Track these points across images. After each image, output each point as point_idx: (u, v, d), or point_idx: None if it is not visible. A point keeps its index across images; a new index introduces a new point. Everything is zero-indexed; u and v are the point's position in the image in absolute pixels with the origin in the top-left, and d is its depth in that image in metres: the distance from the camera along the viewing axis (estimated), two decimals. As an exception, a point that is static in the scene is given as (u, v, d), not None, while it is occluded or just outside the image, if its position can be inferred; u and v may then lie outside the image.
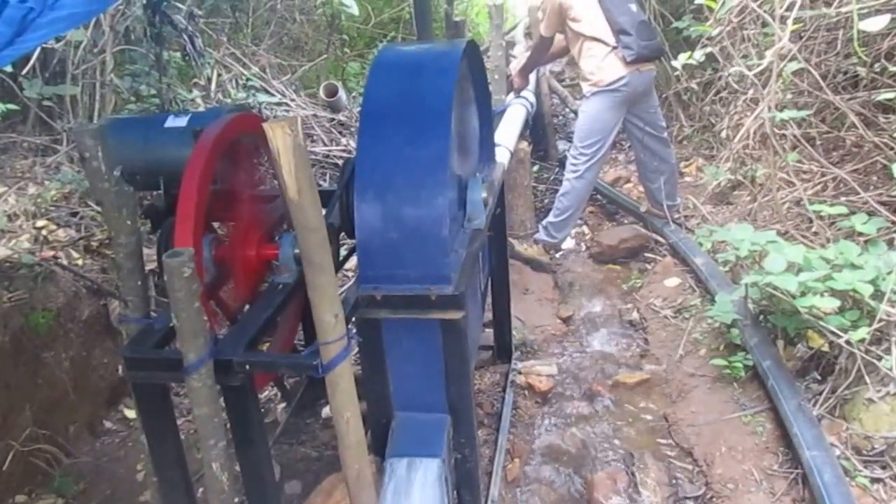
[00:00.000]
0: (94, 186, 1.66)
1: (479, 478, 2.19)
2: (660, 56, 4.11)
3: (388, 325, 1.98)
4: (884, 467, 2.25)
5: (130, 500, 2.55)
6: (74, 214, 3.36)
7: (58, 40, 3.66)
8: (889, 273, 2.46)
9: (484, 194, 2.20)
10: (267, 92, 5.25)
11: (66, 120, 3.86)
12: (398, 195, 1.87)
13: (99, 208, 3.36)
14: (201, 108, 4.41)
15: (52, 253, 3.03)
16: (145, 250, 1.83)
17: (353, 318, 1.89)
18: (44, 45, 3.57)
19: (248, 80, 5.26)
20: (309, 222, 1.46)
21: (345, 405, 1.62)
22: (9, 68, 3.48)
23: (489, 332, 3.14)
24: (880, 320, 2.39)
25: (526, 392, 3.04)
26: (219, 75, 4.99)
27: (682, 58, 3.67)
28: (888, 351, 2.39)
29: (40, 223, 3.20)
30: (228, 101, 4.84)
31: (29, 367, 2.61)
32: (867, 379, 2.38)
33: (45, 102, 3.78)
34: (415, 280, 1.88)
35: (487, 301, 2.97)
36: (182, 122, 2.14)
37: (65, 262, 3.00)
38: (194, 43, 4.11)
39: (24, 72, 3.60)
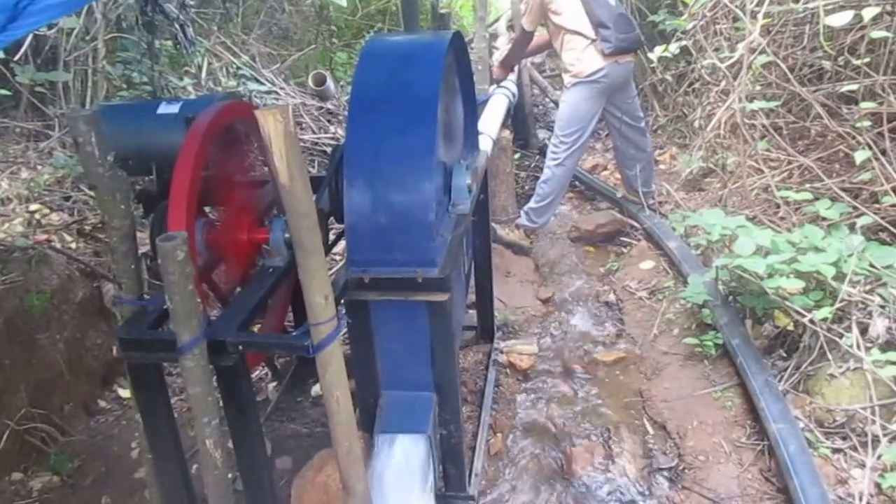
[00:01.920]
0: (88, 171, 1.62)
1: (463, 452, 2.19)
2: (638, 48, 4.09)
3: (376, 307, 1.96)
4: (844, 438, 2.29)
5: (125, 477, 2.52)
6: (67, 199, 3.30)
7: (50, 27, 3.58)
8: (850, 255, 2.49)
9: (468, 180, 2.18)
10: (257, 80, 5.17)
11: (58, 106, 3.78)
12: (386, 181, 1.85)
13: (91, 192, 3.30)
14: (192, 96, 4.34)
15: (45, 236, 2.97)
16: (138, 234, 1.80)
17: (343, 300, 1.88)
18: (36, 32, 3.49)
19: (238, 68, 5.17)
20: (300, 207, 1.44)
21: (335, 384, 1.61)
22: (1, 54, 3.39)
23: (473, 313, 3.14)
24: (842, 300, 2.42)
25: (508, 370, 3.05)
26: (209, 63, 4.90)
27: (658, 50, 3.67)
28: (849, 329, 2.42)
29: (33, 207, 3.13)
30: (219, 89, 4.76)
31: (24, 348, 2.56)
32: (829, 356, 2.41)
33: (38, 88, 3.70)
34: (402, 263, 1.86)
35: (471, 283, 2.96)
36: (174, 108, 2.10)
37: (58, 245, 2.95)
38: (185, 31, 4.02)
39: (16, 58, 3.51)
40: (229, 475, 1.71)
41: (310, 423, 2.72)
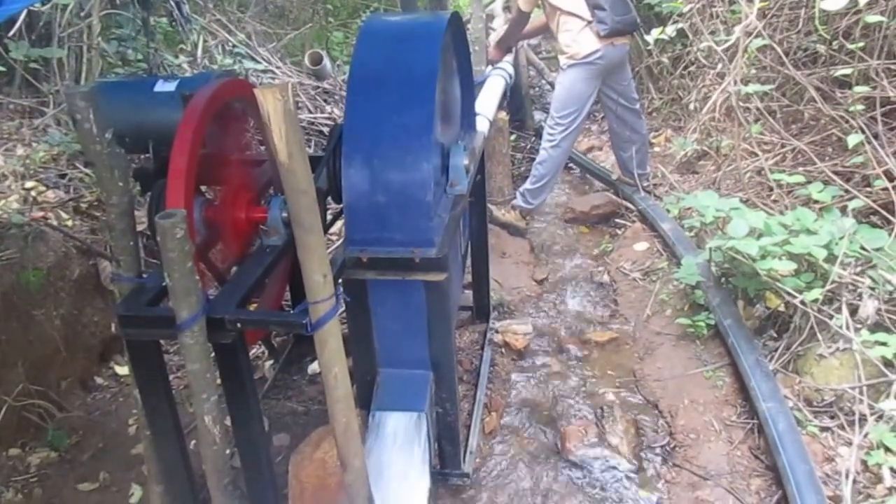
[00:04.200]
0: (86, 148, 1.60)
1: (458, 430, 2.20)
2: (634, 30, 4.06)
3: (373, 286, 1.96)
4: (832, 417, 2.31)
5: (123, 453, 2.53)
6: (63, 176, 3.26)
7: (44, 3, 3.51)
8: (841, 238, 2.49)
9: (466, 161, 2.17)
10: (253, 59, 5.10)
11: (52, 83, 3.72)
12: (384, 160, 1.84)
13: (88, 170, 3.26)
14: (188, 74, 4.28)
15: (41, 213, 2.94)
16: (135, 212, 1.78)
17: (341, 279, 1.87)
18: (30, 8, 3.42)
19: (234, 46, 5.10)
20: (299, 185, 1.43)
21: (333, 361, 1.61)
22: (-4, 30, 3.33)
23: (468, 293, 3.14)
24: (832, 282, 2.43)
25: (503, 350, 3.06)
26: (205, 41, 4.83)
27: (655, 33, 3.64)
28: (839, 310, 2.44)
29: (29, 184, 3.09)
30: (215, 67, 4.70)
31: (21, 325, 2.55)
32: (819, 336, 2.43)
33: (32, 65, 3.63)
34: (400, 243, 1.86)
35: (467, 264, 2.96)
36: (171, 86, 2.07)
37: (54, 222, 2.92)
38: (181, 8, 3.97)
39: (10, 34, 3.44)
40: (227, 451, 1.72)
41: (306, 401, 2.73)
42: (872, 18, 2.93)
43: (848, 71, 3.16)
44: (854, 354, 2.31)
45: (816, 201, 2.90)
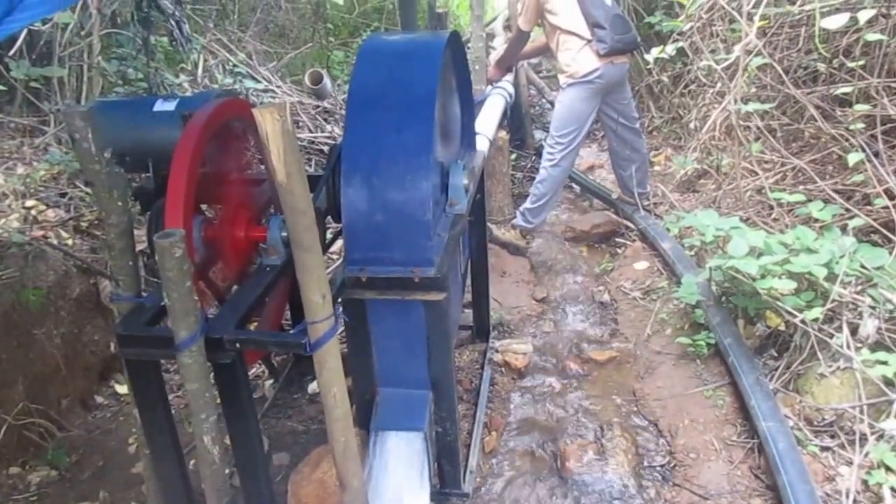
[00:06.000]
0: (85, 167, 1.63)
1: (458, 450, 2.21)
2: (634, 49, 4.11)
3: (373, 305, 1.98)
4: (832, 436, 2.32)
5: (122, 472, 2.54)
6: (63, 195, 3.30)
7: (45, 22, 3.57)
8: (842, 257, 2.51)
9: (465, 180, 2.20)
10: (253, 78, 5.17)
11: (53, 102, 3.77)
12: (383, 179, 1.86)
13: (88, 189, 3.30)
14: (188, 93, 4.34)
15: (41, 232, 2.97)
16: (135, 231, 1.81)
17: (340, 299, 1.89)
18: (31, 27, 3.48)
19: (234, 66, 5.17)
20: (297, 205, 1.46)
21: (332, 381, 1.62)
22: (-4, 49, 3.39)
23: (468, 312, 3.16)
24: (833, 301, 2.45)
25: (503, 369, 3.07)
26: (205, 61, 4.90)
27: (655, 52, 3.70)
28: (839, 329, 2.45)
29: (29, 203, 3.13)
30: (215, 86, 4.76)
31: (21, 343, 2.57)
32: (819, 355, 2.44)
33: (32, 84, 3.69)
34: (399, 262, 1.88)
35: (467, 283, 2.98)
36: (171, 105, 2.10)
37: (55, 241, 2.95)
38: (181, 28, 4.03)
39: (10, 53, 3.50)
40: (226, 471, 1.73)
41: (306, 420, 2.74)
42: (873, 37, 2.98)
43: (848, 89, 3.20)
44: (855, 373, 2.32)
45: (817, 220, 2.93)
